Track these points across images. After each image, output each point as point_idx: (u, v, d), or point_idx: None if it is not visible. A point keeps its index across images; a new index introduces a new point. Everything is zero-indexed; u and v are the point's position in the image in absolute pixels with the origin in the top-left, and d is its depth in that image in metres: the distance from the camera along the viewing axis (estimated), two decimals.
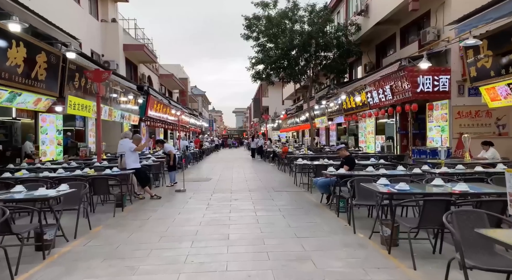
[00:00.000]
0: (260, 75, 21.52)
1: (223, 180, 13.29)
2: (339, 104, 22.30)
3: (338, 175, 7.36)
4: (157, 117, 24.32)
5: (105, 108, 15.55)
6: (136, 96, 19.19)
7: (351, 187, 6.19)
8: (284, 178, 13.69)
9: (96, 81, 11.90)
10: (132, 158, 9.40)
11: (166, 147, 11.93)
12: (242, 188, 11.01)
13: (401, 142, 17.78)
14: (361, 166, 8.98)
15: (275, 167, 18.59)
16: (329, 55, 21.08)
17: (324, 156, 14.03)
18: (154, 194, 9.55)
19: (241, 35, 21.32)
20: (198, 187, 11.48)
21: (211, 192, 10.25)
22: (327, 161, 10.88)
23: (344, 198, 7.10)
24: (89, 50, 19.33)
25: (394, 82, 15.23)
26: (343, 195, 7.01)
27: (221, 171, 16.60)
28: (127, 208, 8.18)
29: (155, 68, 28.99)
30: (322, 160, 10.90)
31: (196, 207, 8.21)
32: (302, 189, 10.65)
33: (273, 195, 9.70)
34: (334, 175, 7.44)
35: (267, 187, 11.10)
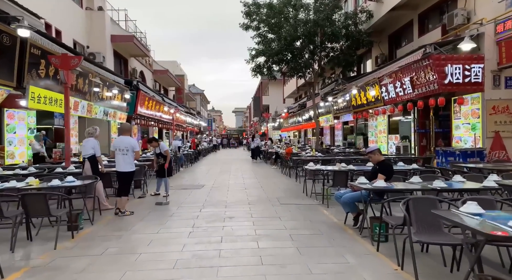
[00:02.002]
0: (260, 69, 19.26)
1: (217, 187, 11.02)
2: (347, 101, 20.06)
3: (375, 190, 5.13)
4: (149, 115, 22.05)
5: (83, 103, 13.29)
6: (122, 91, 16.92)
7: (405, 211, 3.94)
8: (290, 184, 11.42)
9: (64, 69, 9.63)
10: (131, 159, 7.43)
11: (162, 146, 9.59)
12: (239, 200, 8.73)
13: (420, 142, 15.55)
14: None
15: (278, 170, 16.31)
16: (336, 46, 18.83)
17: (338, 158, 11.77)
18: (126, 211, 7.33)
19: (240, 25, 19.07)
20: (186, 197, 9.20)
21: (200, 206, 7.97)
22: (344, 166, 8.63)
23: (386, 222, 4.86)
24: (71, 40, 17.06)
25: (415, 73, 12.99)
26: (385, 219, 4.75)
27: (217, 176, 14.31)
28: (83, 232, 5.92)
29: (148, 63, 26.71)
30: (338, 164, 8.64)
31: (176, 231, 5.94)
32: (315, 201, 8.39)
33: (280, 210, 7.44)
34: (368, 190, 5.21)
35: (271, 198, 8.83)
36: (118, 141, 7.46)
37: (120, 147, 7.37)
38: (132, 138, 7.76)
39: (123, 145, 7.40)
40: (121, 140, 7.48)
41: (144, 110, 20.68)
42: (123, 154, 7.36)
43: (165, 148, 9.60)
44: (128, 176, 7.49)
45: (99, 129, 8.23)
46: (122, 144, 7.41)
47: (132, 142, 7.60)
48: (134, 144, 7.59)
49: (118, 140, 7.49)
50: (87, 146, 7.80)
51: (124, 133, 7.59)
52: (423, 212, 3.93)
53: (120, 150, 7.35)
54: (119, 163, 7.37)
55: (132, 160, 7.48)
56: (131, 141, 7.58)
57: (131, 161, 7.46)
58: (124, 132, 7.59)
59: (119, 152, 7.35)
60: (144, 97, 20.35)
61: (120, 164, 7.36)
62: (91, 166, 7.68)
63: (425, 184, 5.37)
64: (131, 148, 7.44)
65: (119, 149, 7.36)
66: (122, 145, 7.39)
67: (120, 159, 7.36)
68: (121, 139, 7.50)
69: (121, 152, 7.35)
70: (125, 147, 7.39)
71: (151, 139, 9.77)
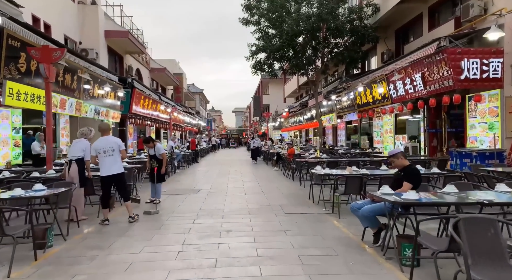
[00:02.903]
0: (261, 66, 18.24)
1: (215, 192, 10.01)
2: (351, 99, 19.07)
3: (406, 203, 4.13)
4: (145, 114, 21.04)
5: (71, 101, 12.29)
6: (115, 88, 15.91)
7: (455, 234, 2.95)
8: (294, 189, 10.42)
9: (44, 62, 8.66)
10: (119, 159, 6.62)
11: (159, 148, 8.54)
12: (238, 208, 7.72)
13: (430, 142, 14.57)
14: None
15: (280, 172, 15.30)
16: (340, 42, 17.82)
17: (345, 160, 10.77)
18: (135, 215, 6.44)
19: (240, 20, 18.08)
20: (179, 205, 8.19)
21: (194, 216, 6.97)
22: (356, 170, 7.64)
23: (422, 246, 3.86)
24: (61, 36, 16.05)
25: (427, 69, 12.01)
26: (421, 242, 3.74)
27: (215, 179, 13.30)
28: (51, 251, 4.92)
29: (145, 61, 25.70)
30: (349, 168, 7.65)
31: (162, 251, 4.94)
32: (323, 209, 7.39)
33: (284, 221, 6.44)
34: (397, 203, 4.21)
35: (274, 206, 7.83)
36: (100, 143, 6.51)
37: (105, 148, 6.45)
38: (114, 137, 6.89)
39: (107, 146, 6.48)
40: (105, 140, 6.56)
41: (139, 109, 19.68)
42: (109, 155, 6.45)
43: (162, 151, 8.55)
44: (121, 178, 6.63)
45: (94, 131, 7.25)
46: (107, 144, 6.49)
47: (116, 140, 6.75)
48: (120, 143, 6.74)
49: (100, 141, 6.54)
50: (77, 147, 6.87)
51: (105, 133, 6.69)
52: (480, 237, 2.94)
53: (105, 152, 6.44)
54: (105, 166, 6.44)
55: (120, 161, 6.59)
56: (115, 140, 6.73)
57: (120, 161, 6.58)
58: (104, 132, 6.69)
59: (104, 154, 6.43)
60: (140, 96, 19.34)
61: (107, 167, 6.44)
62: (78, 170, 6.73)
63: (463, 195, 4.38)
64: (116, 147, 6.56)
65: (103, 150, 6.44)
66: (107, 146, 6.47)
67: (106, 161, 6.44)
68: (104, 139, 6.58)
69: (107, 153, 6.44)
70: (110, 147, 6.48)
71: (148, 139, 8.72)
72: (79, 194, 6.78)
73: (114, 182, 6.62)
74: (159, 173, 8.18)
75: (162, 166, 8.40)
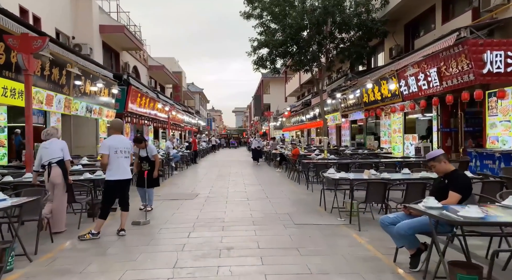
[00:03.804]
0: (263, 62, 17.23)
1: (214, 197, 8.99)
2: (357, 97, 18.06)
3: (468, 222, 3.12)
4: (142, 113, 20.04)
5: (59, 97, 11.28)
6: (109, 85, 14.91)
7: None
8: (301, 194, 9.41)
9: (23, 52, 7.70)
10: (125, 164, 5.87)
11: (151, 149, 7.45)
12: (241, 218, 6.71)
13: (443, 142, 13.56)
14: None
15: (284, 174, 14.29)
16: (346, 37, 16.82)
17: (357, 162, 9.77)
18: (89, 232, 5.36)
19: (241, 14, 17.07)
20: (174, 213, 7.18)
21: (189, 228, 5.95)
22: (375, 173, 6.64)
23: None
24: (52, 30, 15.05)
25: (444, 63, 11.01)
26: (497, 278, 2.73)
27: (214, 181, 12.28)
28: (9, 277, 3.92)
29: (142, 58, 24.68)
30: (368, 171, 6.64)
31: (146, 278, 3.94)
32: (338, 219, 6.38)
33: (296, 235, 5.43)
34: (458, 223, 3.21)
35: (281, 215, 6.82)
36: (116, 142, 5.59)
37: (122, 148, 5.60)
38: (59, 142, 6.04)
39: (123, 146, 5.64)
40: (120, 139, 5.69)
41: (136, 107, 18.67)
42: (125, 157, 5.64)
43: (154, 152, 7.46)
44: (128, 184, 5.80)
45: (60, 131, 6.26)
46: (123, 144, 5.65)
47: (130, 142, 6.10)
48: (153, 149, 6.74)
49: (115, 140, 5.61)
50: (54, 148, 5.84)
51: (117, 132, 5.77)
52: None
53: (122, 152, 5.58)
54: (123, 168, 5.59)
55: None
56: (129, 142, 6.05)
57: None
58: (117, 131, 5.77)
59: (121, 155, 5.56)
60: (136, 93, 18.33)
61: (125, 168, 5.62)
62: (62, 173, 5.74)
63: None
64: (131, 150, 5.87)
65: (120, 150, 5.56)
66: (123, 146, 5.63)
67: (124, 163, 5.61)
68: (119, 138, 5.68)
69: (123, 154, 5.60)
70: (126, 148, 5.67)
71: (139, 139, 7.56)
72: (62, 201, 5.80)
73: (125, 187, 5.71)
74: (151, 177, 7.15)
75: (154, 169, 7.39)
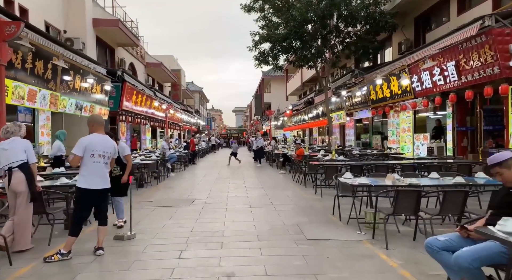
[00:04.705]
0: (265, 57, 16.21)
1: (212, 204, 7.97)
2: (364, 95, 17.05)
3: None
4: (138, 112, 19.02)
5: (43, 92, 10.26)
6: (101, 81, 13.90)
7: None
8: (310, 199, 8.39)
9: None
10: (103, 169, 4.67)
11: (123, 148, 5.86)
12: (243, 230, 5.68)
13: (459, 142, 12.55)
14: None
15: (288, 176, 13.26)
16: (353, 31, 15.80)
17: (371, 164, 8.76)
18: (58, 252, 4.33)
19: (242, 7, 16.06)
20: (165, 224, 6.15)
21: (181, 244, 4.93)
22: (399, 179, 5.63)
23: None
24: (42, 22, 14.02)
25: (464, 55, 10.00)
26: None
27: (213, 184, 11.26)
28: None
29: (140, 55, 23.66)
30: (391, 176, 5.62)
31: None
32: (357, 232, 5.36)
33: (311, 255, 4.41)
34: None
35: (290, 227, 5.80)
36: (96, 142, 4.50)
37: (102, 151, 4.51)
38: (20, 140, 4.84)
39: (106, 149, 4.55)
40: (103, 140, 4.57)
41: (131, 105, 17.66)
42: (105, 163, 4.55)
43: (126, 152, 5.83)
44: (107, 193, 4.75)
45: (24, 128, 5.12)
46: (105, 146, 4.55)
47: (115, 145, 4.90)
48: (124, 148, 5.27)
49: (95, 139, 4.52)
50: (16, 149, 4.69)
51: (99, 129, 4.64)
52: None
53: (101, 156, 4.50)
54: (102, 175, 4.52)
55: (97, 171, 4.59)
56: (114, 144, 4.85)
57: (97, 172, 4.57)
58: (98, 128, 4.64)
59: (100, 159, 4.48)
60: (132, 91, 17.32)
61: (104, 176, 4.55)
62: (26, 179, 4.66)
63: None
64: (113, 154, 4.73)
65: (100, 154, 4.48)
66: (105, 149, 4.55)
67: (103, 170, 4.54)
68: (101, 138, 4.57)
69: (103, 159, 4.50)
70: (108, 151, 4.57)
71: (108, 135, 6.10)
72: (26, 213, 4.74)
73: (103, 198, 4.67)
74: (119, 183, 5.61)
75: (125, 173, 5.70)
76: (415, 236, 4.96)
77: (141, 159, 11.33)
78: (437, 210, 4.82)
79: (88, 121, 4.72)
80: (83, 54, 12.67)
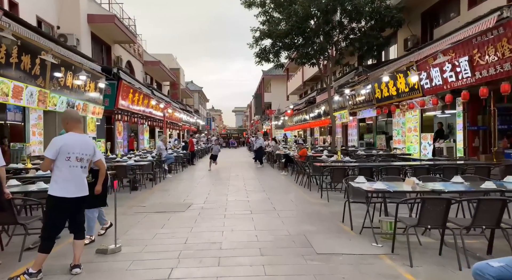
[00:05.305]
0: (266, 54, 15.54)
1: (210, 209, 7.29)
2: (368, 93, 16.40)
3: None
4: (136, 111, 18.37)
5: (30, 89, 9.59)
6: (95, 78, 13.23)
7: None
8: (315, 204, 7.72)
9: None
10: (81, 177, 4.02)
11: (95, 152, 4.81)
12: (244, 242, 4.99)
13: (470, 142, 11.89)
14: None
15: (290, 178, 12.59)
16: (357, 27, 15.13)
17: (381, 166, 8.09)
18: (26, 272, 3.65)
19: (242, 2, 15.39)
20: (156, 233, 5.47)
21: (172, 260, 4.25)
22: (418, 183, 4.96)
23: None
24: (33, 17, 13.34)
25: (478, 50, 9.35)
26: None
27: (212, 187, 10.58)
28: None
29: (137, 53, 22.98)
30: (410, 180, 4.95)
31: None
32: (373, 244, 4.69)
33: (323, 276, 3.71)
34: None
35: (296, 237, 5.12)
36: (74, 142, 3.82)
37: (80, 153, 3.85)
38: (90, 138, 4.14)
39: (84, 150, 3.89)
40: (81, 140, 3.89)
41: (128, 104, 17.00)
42: (82, 167, 3.88)
43: (99, 157, 4.24)
44: (84, 202, 4.03)
45: None
46: (83, 148, 3.89)
47: (94, 145, 4.13)
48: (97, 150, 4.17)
49: (72, 139, 3.83)
50: None
51: (75, 126, 3.94)
52: None
53: (78, 160, 3.83)
54: (78, 181, 3.84)
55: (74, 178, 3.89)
56: (93, 144, 4.12)
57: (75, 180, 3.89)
58: (74, 126, 3.94)
59: (76, 163, 3.81)
60: (128, 89, 16.67)
61: (80, 183, 3.88)
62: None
63: None
64: (93, 156, 4.04)
65: (77, 156, 3.81)
66: (83, 150, 3.88)
67: (80, 175, 3.87)
68: (79, 138, 3.89)
69: (80, 163, 3.85)
70: (86, 153, 3.91)
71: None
72: None
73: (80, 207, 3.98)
74: (93, 193, 4.27)
75: (99, 182, 4.33)
76: (441, 250, 4.29)
77: (135, 160, 10.63)
78: (468, 221, 4.15)
79: (62, 118, 4.05)
80: (75, 49, 12.00)
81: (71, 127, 3.89)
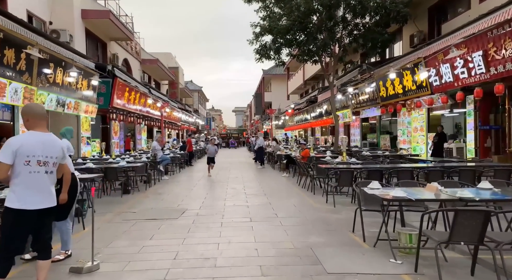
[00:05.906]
0: (266, 51, 14.86)
1: (206, 216, 6.62)
2: (372, 91, 15.75)
3: None
4: (132, 110, 17.70)
5: (15, 86, 8.90)
6: (87, 75, 12.57)
7: None
8: (321, 209, 7.04)
9: None
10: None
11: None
12: (242, 258, 4.32)
13: (482, 142, 11.24)
14: None
15: (292, 180, 11.92)
16: (361, 22, 14.46)
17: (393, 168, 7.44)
18: None
19: None
20: (143, 245, 4.80)
21: None
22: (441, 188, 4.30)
23: None
24: (24, 12, 12.68)
25: (493, 44, 8.69)
26: None
27: (209, 190, 9.91)
28: None
29: (135, 51, 22.31)
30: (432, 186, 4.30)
31: None
32: (390, 260, 4.04)
33: None
34: None
35: (302, 251, 4.45)
36: (34, 142, 3.15)
37: (43, 155, 3.16)
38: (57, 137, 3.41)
39: (49, 152, 3.20)
40: (44, 141, 3.21)
41: (124, 103, 16.33)
42: (47, 173, 3.19)
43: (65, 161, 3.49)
44: (51, 215, 3.36)
45: None
46: (48, 149, 3.21)
47: (63, 145, 3.41)
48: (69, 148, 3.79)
49: (34, 139, 3.17)
50: None
51: (37, 124, 3.26)
52: None
53: (41, 164, 3.15)
54: (41, 189, 3.16)
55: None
56: (62, 144, 3.39)
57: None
58: (37, 123, 3.25)
59: (38, 168, 3.13)
60: (124, 87, 15.99)
61: (46, 191, 3.20)
62: None
63: None
64: (62, 159, 3.36)
65: (39, 160, 3.13)
66: (48, 152, 3.20)
67: (43, 181, 3.17)
68: (42, 138, 3.21)
69: (44, 168, 3.16)
70: (53, 156, 3.23)
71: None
72: None
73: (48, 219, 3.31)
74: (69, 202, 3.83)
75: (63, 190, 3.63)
76: (474, 269, 3.63)
77: (127, 161, 9.97)
78: (509, 235, 3.48)
79: (21, 113, 3.37)
80: (65, 44, 11.32)
81: (32, 124, 3.22)
